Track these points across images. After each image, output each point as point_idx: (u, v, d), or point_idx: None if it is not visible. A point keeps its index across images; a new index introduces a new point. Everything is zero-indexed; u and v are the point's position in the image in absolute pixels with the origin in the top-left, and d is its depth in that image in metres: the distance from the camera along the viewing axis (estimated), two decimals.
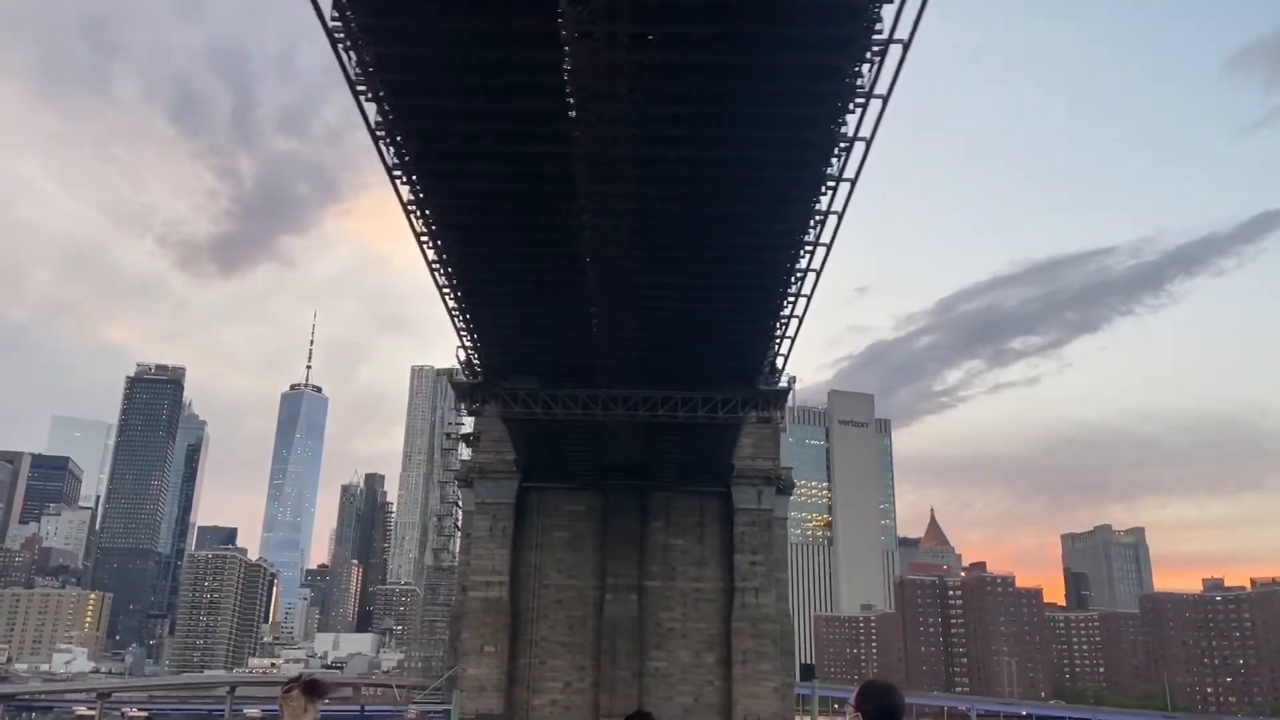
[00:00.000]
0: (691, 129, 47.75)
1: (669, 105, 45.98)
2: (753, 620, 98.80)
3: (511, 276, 63.22)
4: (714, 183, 51.78)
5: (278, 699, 7.92)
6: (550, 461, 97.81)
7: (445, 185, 53.58)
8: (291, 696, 6.96)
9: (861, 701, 6.02)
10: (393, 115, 47.10)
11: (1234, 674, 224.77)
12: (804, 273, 60.94)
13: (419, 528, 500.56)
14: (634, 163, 50.39)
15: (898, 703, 6.11)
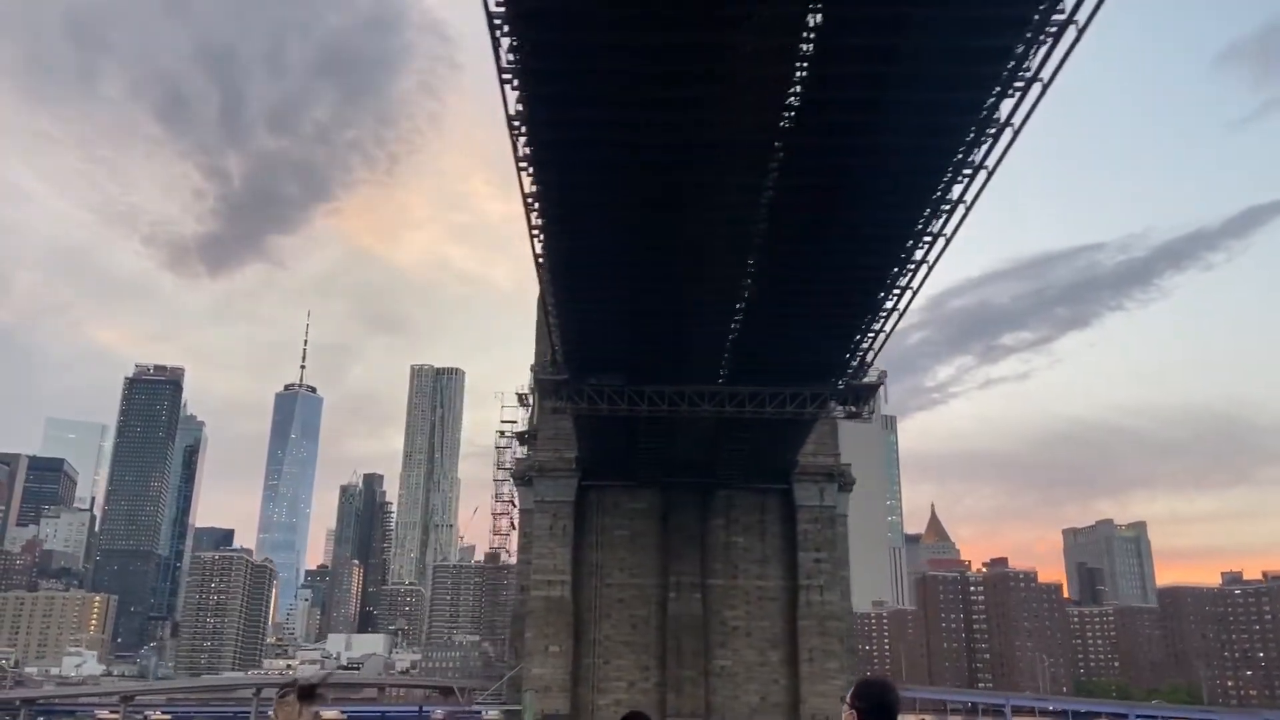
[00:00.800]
0: (841, 114, 46.70)
1: (823, 90, 44.86)
2: (819, 618, 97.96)
3: (617, 271, 61.88)
4: (850, 170, 50.66)
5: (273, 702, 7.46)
6: (612, 459, 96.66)
7: (569, 179, 52.32)
8: (287, 701, 6.90)
9: (857, 699, 6.01)
10: (533, 104, 45.79)
11: (1254, 667, 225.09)
12: (916, 265, 59.86)
13: (420, 527, 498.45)
14: (779, 149, 49.49)
15: (893, 700, 6.08)
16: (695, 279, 63.61)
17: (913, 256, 58.83)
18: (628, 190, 53.20)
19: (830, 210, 53.95)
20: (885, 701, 6.07)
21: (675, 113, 46.93)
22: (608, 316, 68.31)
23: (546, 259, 60.68)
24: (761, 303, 65.67)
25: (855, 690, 6.15)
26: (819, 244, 57.47)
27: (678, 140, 48.88)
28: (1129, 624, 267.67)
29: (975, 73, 43.90)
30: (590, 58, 43.42)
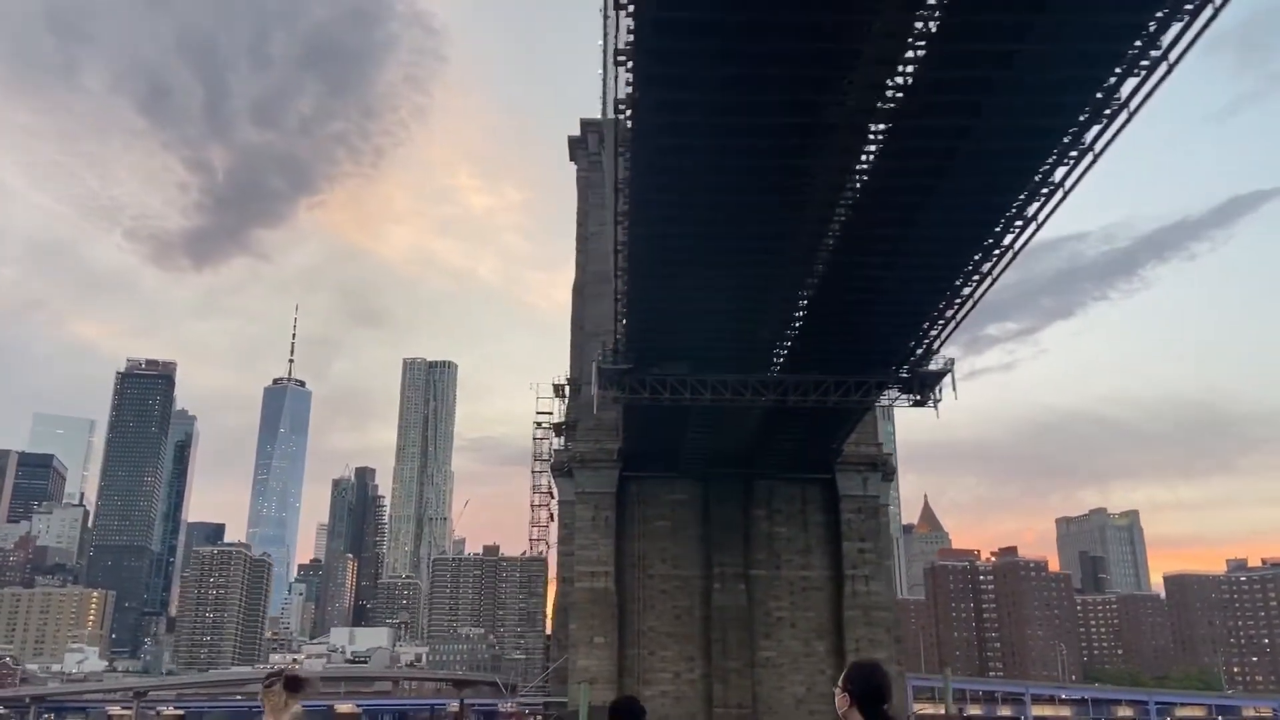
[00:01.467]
0: (957, 94, 45.95)
1: (943, 68, 44.09)
2: (865, 608, 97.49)
3: (694, 259, 60.98)
4: (955, 152, 49.89)
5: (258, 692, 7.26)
6: (654, 451, 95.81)
7: (664, 162, 51.41)
8: (274, 690, 6.96)
9: (849, 682, 6.13)
10: (645, 85, 44.87)
11: (1260, 653, 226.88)
12: (1003, 250, 59.25)
13: (414, 521, 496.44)
14: (881, 130, 48.80)
15: (884, 683, 6.20)
16: (771, 265, 62.93)
17: (1001, 241, 58.25)
18: (721, 175, 52.34)
19: (926, 193, 53.26)
20: (876, 683, 6.19)
21: (786, 92, 46.14)
22: (678, 306, 67.39)
23: (628, 247, 59.77)
24: (833, 289, 64.95)
25: (847, 674, 6.26)
26: (908, 227, 56.77)
27: (784, 123, 48.13)
28: (1132, 612, 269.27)
29: (1104, 50, 43.21)
30: (712, 35, 42.50)
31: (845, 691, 6.19)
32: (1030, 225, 55.66)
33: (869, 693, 6.17)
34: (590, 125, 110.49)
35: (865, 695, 6.15)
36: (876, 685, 6.23)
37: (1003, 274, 62.04)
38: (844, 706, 6.18)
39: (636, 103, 45.89)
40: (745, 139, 48.99)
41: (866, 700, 6.15)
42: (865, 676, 6.26)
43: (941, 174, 51.52)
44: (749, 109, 46.85)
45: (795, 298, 67.22)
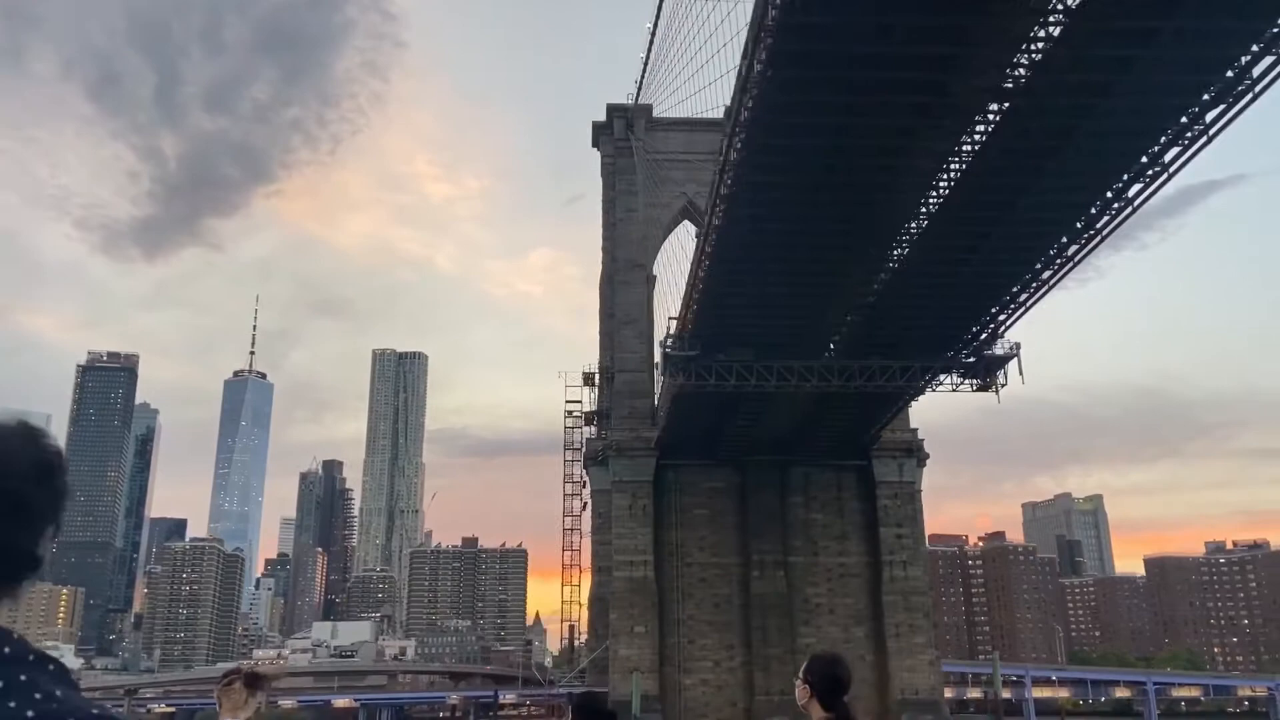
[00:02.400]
0: (1086, 73, 45.75)
1: (1071, 47, 43.84)
2: (903, 593, 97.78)
3: (786, 243, 60.45)
4: (1070, 131, 49.71)
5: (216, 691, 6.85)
6: (693, 438, 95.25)
7: (781, 142, 50.68)
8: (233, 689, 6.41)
9: (810, 674, 6.25)
10: (776, 61, 44.20)
11: (1239, 634, 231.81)
12: (1094, 234, 59.24)
13: (385, 513, 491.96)
14: (996, 110, 48.50)
15: (844, 674, 6.36)
16: (857, 250, 62.67)
17: (1094, 225, 58.26)
18: (833, 156, 51.82)
19: (1033, 174, 53.10)
20: (836, 674, 6.31)
21: (916, 69, 45.72)
22: (753, 290, 66.83)
23: (720, 230, 59.04)
24: (911, 273, 64.75)
25: (808, 666, 6.35)
26: (1005, 210, 56.62)
27: (908, 102, 47.72)
28: (1109, 594, 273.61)
29: (1244, 28, 43.14)
30: (850, 9, 41.94)
31: (805, 683, 6.22)
32: (1128, 207, 55.67)
33: (829, 684, 6.23)
34: (617, 110, 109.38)
35: (825, 687, 6.21)
36: (836, 677, 6.31)
37: (1083, 260, 62.19)
38: (804, 698, 6.22)
39: (766, 80, 45.16)
40: (867, 119, 48.50)
41: (827, 692, 6.21)
42: (825, 668, 6.33)
43: (1053, 154, 51.39)
44: (875, 86, 46.37)
45: (871, 281, 66.97)
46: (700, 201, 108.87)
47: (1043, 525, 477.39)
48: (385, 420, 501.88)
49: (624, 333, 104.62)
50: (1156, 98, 47.08)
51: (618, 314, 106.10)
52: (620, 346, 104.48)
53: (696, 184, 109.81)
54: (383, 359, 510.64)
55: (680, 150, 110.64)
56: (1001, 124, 49.47)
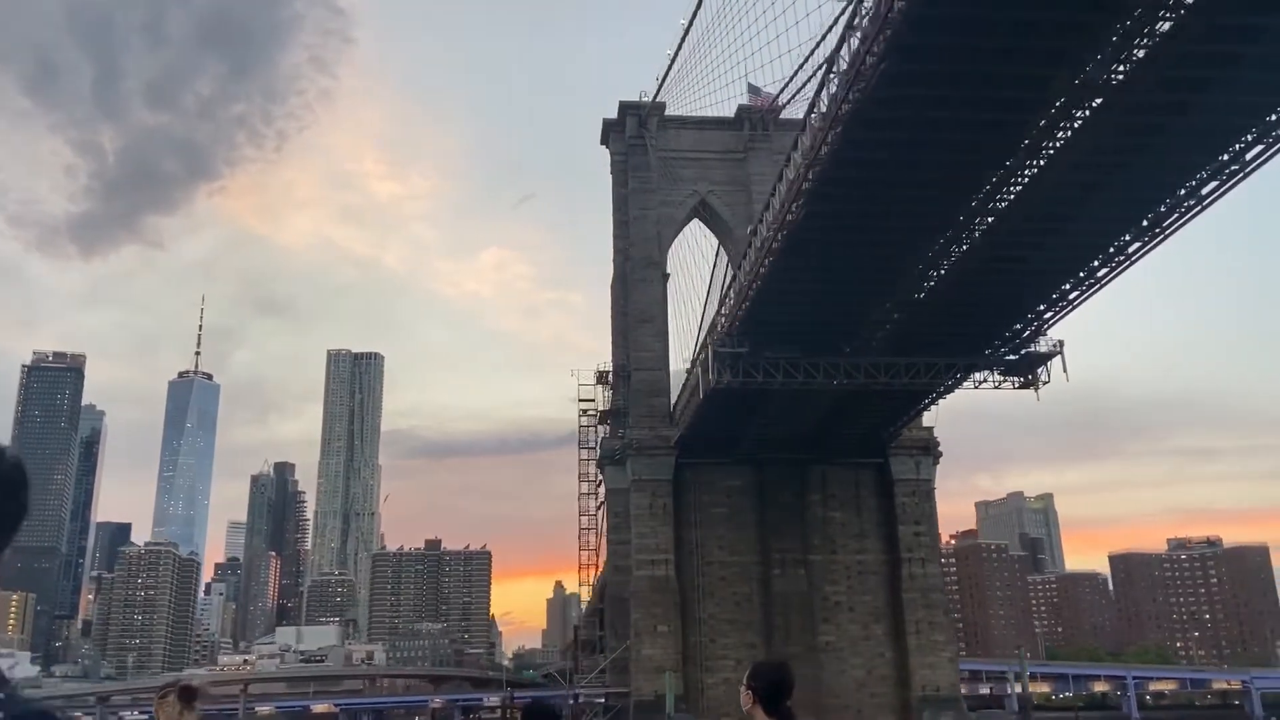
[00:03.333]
0: (1191, 68, 46.16)
1: (1191, 42, 44.23)
2: (922, 590, 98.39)
3: (855, 239, 60.38)
4: (1161, 129, 50.20)
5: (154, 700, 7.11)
6: (716, 437, 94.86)
7: (868, 137, 50.55)
8: (167, 701, 6.85)
9: (753, 679, 6.28)
10: (890, 54, 44.01)
11: (1200, 628, 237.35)
12: (1160, 230, 59.88)
13: (341, 516, 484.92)
14: (1095, 109, 48.78)
15: (787, 679, 6.40)
16: (922, 247, 62.79)
17: (1161, 222, 58.88)
18: (922, 150, 51.79)
19: (1112, 171, 53.53)
20: (778, 681, 6.33)
21: (1018, 65, 45.83)
22: (810, 286, 66.74)
23: (794, 225, 58.70)
24: (967, 270, 64.90)
25: (751, 672, 6.38)
26: (1079, 206, 56.98)
27: (1010, 97, 47.81)
28: (1071, 590, 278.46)
29: None
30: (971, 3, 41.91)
31: (749, 689, 6.25)
32: (1199, 204, 56.38)
33: (771, 690, 6.25)
34: (630, 107, 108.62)
35: (768, 693, 6.22)
36: (779, 682, 6.32)
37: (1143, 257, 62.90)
38: (748, 704, 6.25)
39: (879, 73, 44.95)
40: (962, 113, 48.44)
41: (769, 698, 6.22)
42: (768, 674, 6.35)
43: (1139, 151, 51.88)
44: (981, 80, 46.38)
45: (927, 278, 67.10)
46: (714, 200, 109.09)
47: (996, 523, 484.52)
48: (340, 421, 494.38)
49: (640, 331, 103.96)
50: (1254, 95, 47.66)
51: (631, 312, 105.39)
52: (637, 345, 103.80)
53: (709, 182, 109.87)
54: (338, 359, 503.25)
55: (691, 148, 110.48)
56: (1093, 119, 49.68)
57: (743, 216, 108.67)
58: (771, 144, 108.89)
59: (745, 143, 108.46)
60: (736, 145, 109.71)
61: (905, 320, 72.89)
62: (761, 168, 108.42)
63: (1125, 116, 49.27)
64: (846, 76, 46.84)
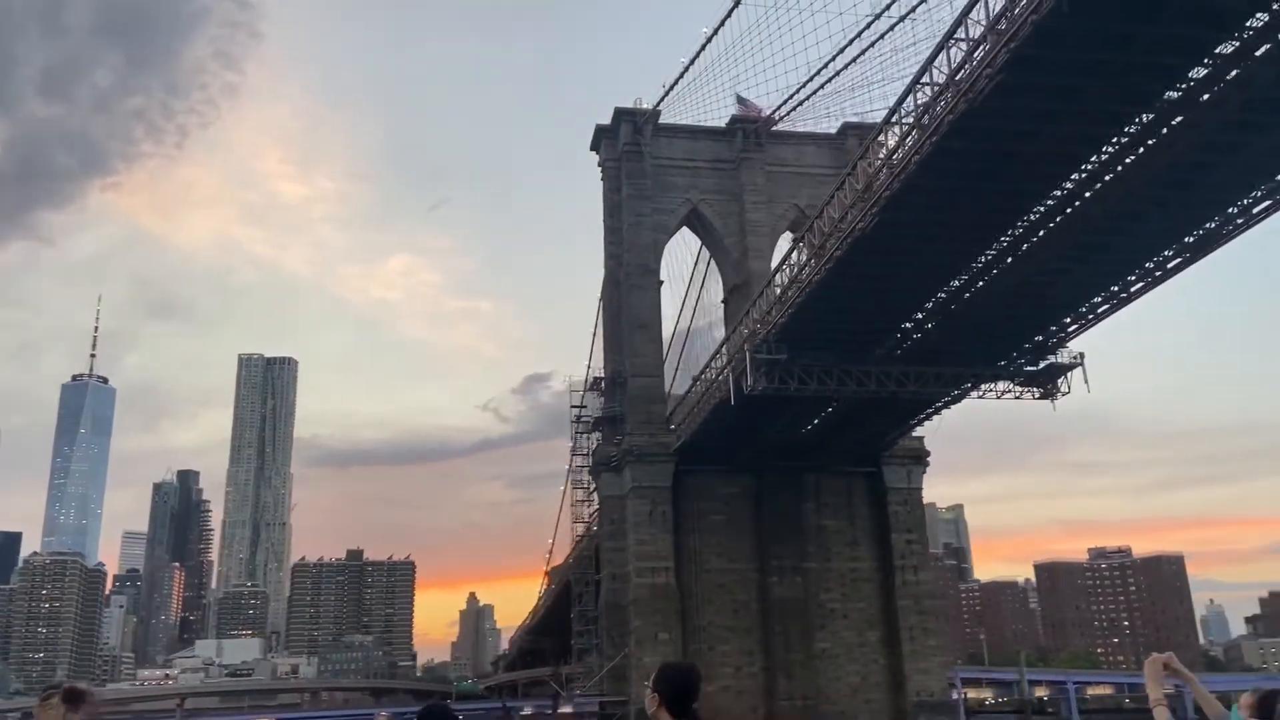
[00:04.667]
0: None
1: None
2: (915, 597, 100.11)
3: (913, 246, 61.23)
4: (1235, 147, 52.11)
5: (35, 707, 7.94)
6: (713, 445, 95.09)
7: (964, 146, 51.17)
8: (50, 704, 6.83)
9: (660, 683, 6.31)
10: (1011, 65, 44.84)
11: (1120, 634, 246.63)
12: (1198, 244, 62.09)
13: (250, 526, 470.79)
14: (1177, 125, 50.39)
15: (694, 682, 6.48)
16: (970, 254, 63.99)
17: (1211, 240, 61.04)
18: (1002, 160, 52.85)
19: (1180, 188, 55.30)
20: (684, 683, 6.37)
21: (1130, 79, 47.13)
22: (856, 292, 67.39)
23: (862, 235, 59.24)
24: (1010, 278, 65.93)
25: (657, 675, 6.38)
26: (1131, 220, 58.56)
27: (1111, 111, 49.15)
28: (994, 598, 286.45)
29: None
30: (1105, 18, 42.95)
31: (655, 692, 6.27)
32: (1250, 221, 58.68)
33: (677, 693, 6.27)
34: (625, 114, 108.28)
35: (674, 695, 6.25)
36: (684, 685, 6.35)
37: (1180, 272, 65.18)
38: (653, 706, 6.25)
39: (994, 84, 45.66)
40: (1068, 125, 49.51)
41: (675, 700, 6.24)
42: (674, 677, 6.37)
43: (1207, 169, 53.77)
44: (1084, 93, 47.42)
45: (966, 289, 68.30)
46: (706, 209, 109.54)
47: None
48: (252, 428, 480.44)
49: (637, 337, 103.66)
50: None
51: (627, 318, 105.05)
52: (633, 351, 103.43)
53: (700, 191, 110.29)
54: (249, 364, 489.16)
55: (682, 157, 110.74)
56: (1172, 134, 51.19)
57: (734, 226, 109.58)
58: (765, 155, 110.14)
59: (738, 153, 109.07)
60: (728, 155, 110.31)
61: (934, 329, 74.14)
62: (754, 178, 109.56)
63: (1205, 135, 50.99)
64: (959, 85, 47.43)
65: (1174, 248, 63.10)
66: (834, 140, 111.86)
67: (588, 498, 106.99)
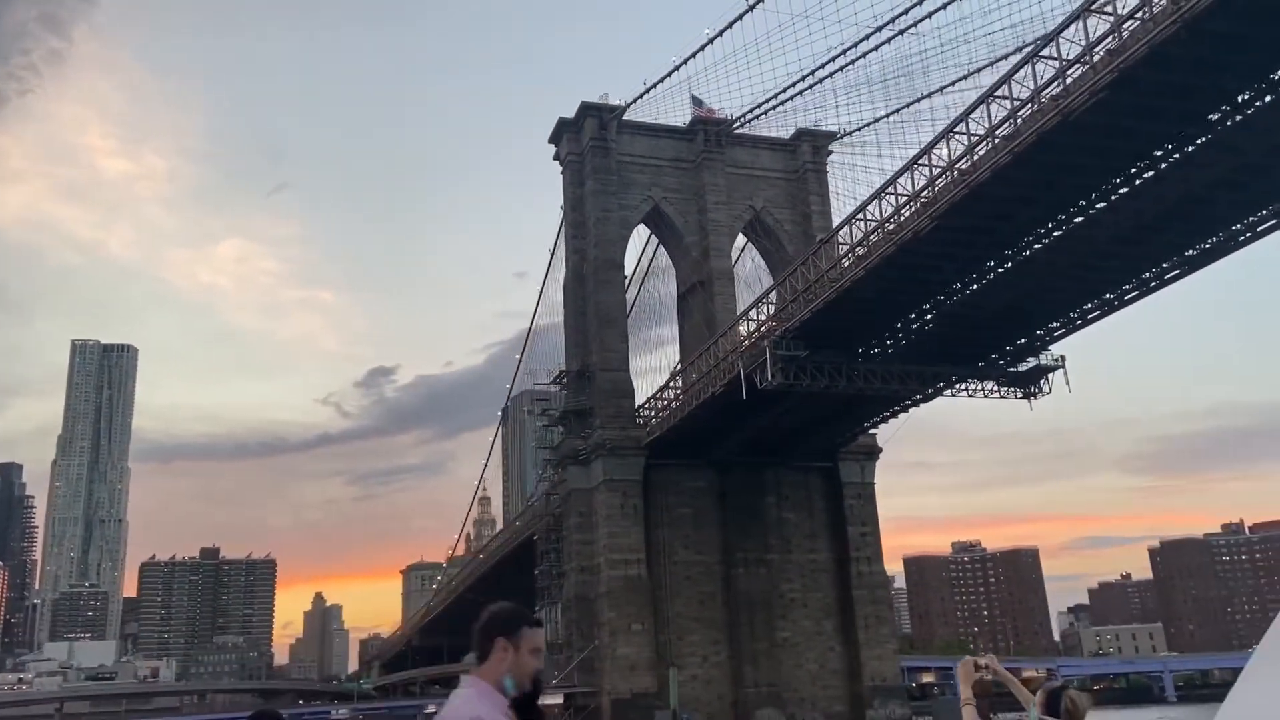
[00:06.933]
0: None
1: None
2: (869, 588, 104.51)
3: (957, 250, 64.42)
4: (1269, 170, 57.37)
5: None
6: (684, 440, 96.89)
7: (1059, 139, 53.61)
8: None
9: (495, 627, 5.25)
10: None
11: (980, 624, 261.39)
12: (1195, 262, 67.63)
13: (82, 523, 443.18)
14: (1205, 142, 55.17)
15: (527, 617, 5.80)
16: (991, 257, 67.71)
17: (1213, 254, 66.55)
18: (1056, 174, 56.61)
19: (1203, 203, 60.23)
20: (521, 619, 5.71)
21: (1220, 102, 51.38)
22: (885, 295, 70.32)
23: (910, 236, 62.03)
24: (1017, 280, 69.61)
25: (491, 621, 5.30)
26: (1156, 232, 63.38)
27: (1163, 130, 53.33)
28: None
29: None
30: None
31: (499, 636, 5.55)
32: (1253, 238, 64.41)
33: None
34: (591, 109, 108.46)
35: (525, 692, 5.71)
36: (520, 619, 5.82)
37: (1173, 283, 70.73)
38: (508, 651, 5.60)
39: (1110, 83, 48.50)
40: (1166, 125, 53.09)
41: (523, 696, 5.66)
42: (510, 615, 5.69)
43: (1235, 187, 58.93)
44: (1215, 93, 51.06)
45: (964, 288, 71.63)
46: (667, 207, 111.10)
47: None
48: (85, 419, 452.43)
49: (606, 333, 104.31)
50: None
51: (591, 313, 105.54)
52: (602, 346, 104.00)
53: (662, 189, 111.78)
54: (84, 350, 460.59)
55: (644, 154, 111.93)
56: (1203, 154, 55.71)
57: (694, 225, 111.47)
58: (725, 158, 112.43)
59: (699, 153, 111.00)
60: (688, 155, 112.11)
61: (930, 329, 77.72)
62: (715, 179, 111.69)
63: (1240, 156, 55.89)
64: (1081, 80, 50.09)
65: (1174, 259, 68.51)
66: (787, 145, 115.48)
67: (556, 490, 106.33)
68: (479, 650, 5.18)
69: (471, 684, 5.12)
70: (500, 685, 5.06)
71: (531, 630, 5.23)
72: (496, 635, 5.16)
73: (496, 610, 5.31)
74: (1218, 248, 66.02)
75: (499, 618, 5.26)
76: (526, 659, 5.14)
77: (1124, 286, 72.24)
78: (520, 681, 5.11)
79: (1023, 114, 54.11)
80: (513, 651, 5.13)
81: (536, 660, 5.18)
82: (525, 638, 5.19)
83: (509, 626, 5.21)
